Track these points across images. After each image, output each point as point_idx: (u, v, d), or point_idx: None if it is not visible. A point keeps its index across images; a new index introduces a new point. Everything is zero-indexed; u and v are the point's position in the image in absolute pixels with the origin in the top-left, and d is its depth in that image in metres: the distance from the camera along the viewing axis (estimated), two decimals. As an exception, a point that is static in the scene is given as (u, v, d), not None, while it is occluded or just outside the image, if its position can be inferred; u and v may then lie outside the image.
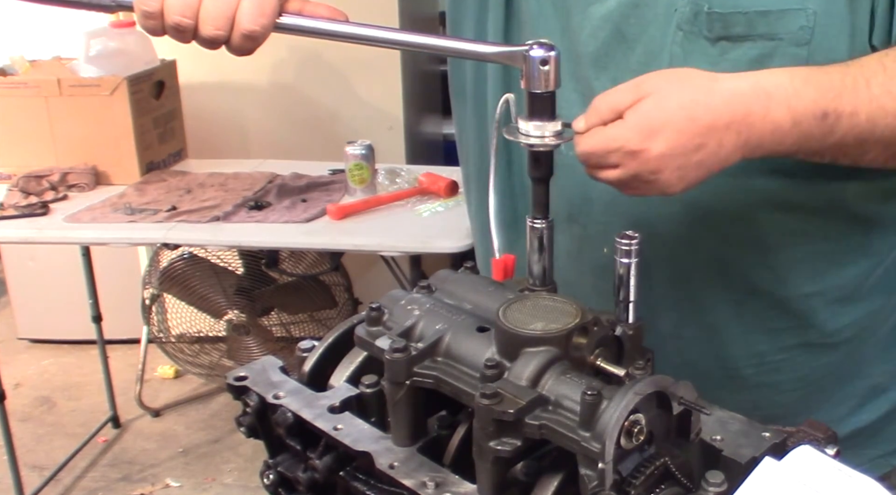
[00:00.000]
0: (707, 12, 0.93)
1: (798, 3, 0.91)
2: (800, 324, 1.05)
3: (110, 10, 0.91)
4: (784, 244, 1.02)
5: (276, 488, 0.83)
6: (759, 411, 0.83)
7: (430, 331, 0.78)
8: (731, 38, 0.94)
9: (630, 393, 0.67)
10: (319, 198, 2.58)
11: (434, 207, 2.54)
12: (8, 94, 2.74)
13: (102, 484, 2.96)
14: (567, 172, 1.03)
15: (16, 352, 3.71)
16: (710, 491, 0.67)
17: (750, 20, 0.92)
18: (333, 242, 2.52)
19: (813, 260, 1.02)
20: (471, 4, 1.12)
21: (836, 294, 1.04)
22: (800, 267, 1.03)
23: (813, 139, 0.86)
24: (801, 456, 0.68)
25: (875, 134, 0.87)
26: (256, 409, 0.83)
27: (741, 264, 1.03)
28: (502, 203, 1.13)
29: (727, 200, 1.00)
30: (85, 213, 2.52)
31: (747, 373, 1.08)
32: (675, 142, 0.83)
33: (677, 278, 1.05)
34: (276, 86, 3.39)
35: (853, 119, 0.85)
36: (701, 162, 0.84)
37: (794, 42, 0.92)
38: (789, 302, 1.04)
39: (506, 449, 0.69)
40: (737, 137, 0.84)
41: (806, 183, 0.98)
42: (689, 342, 1.07)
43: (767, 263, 1.03)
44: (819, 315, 1.05)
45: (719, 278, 1.04)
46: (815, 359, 1.07)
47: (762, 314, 1.05)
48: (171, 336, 3.22)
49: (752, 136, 0.84)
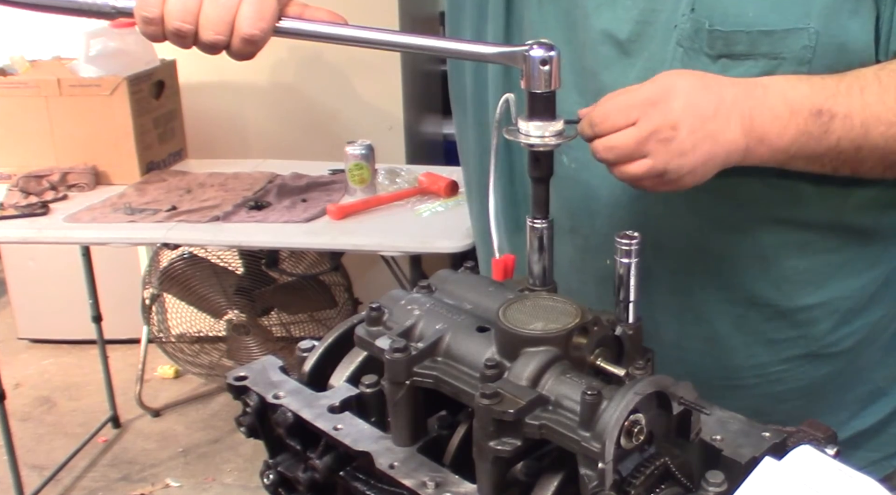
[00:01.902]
0: (708, 30, 0.93)
1: (801, 23, 0.90)
2: (802, 335, 1.05)
3: (110, 16, 0.91)
4: (785, 256, 1.01)
5: (276, 488, 0.83)
6: (761, 418, 0.83)
7: (430, 331, 0.78)
8: (733, 56, 0.93)
9: (630, 393, 0.67)
10: (319, 198, 2.58)
11: (434, 207, 2.54)
12: (8, 94, 2.75)
13: (102, 484, 2.96)
14: (569, 184, 1.03)
15: (16, 352, 3.71)
16: (710, 491, 0.67)
17: (752, 39, 0.92)
18: (333, 242, 2.52)
19: (814, 272, 1.02)
20: (469, 14, 1.11)
21: (837, 305, 1.04)
22: (801, 279, 1.02)
23: (811, 137, 0.87)
24: (802, 456, 0.68)
25: (870, 141, 0.88)
26: (256, 409, 0.83)
27: (742, 276, 1.03)
28: (505, 211, 1.13)
29: (728, 213, 1.00)
30: (85, 213, 2.52)
31: (749, 383, 1.07)
32: (692, 98, 0.85)
33: (679, 289, 1.05)
34: (276, 86, 3.39)
35: (847, 122, 0.87)
36: (713, 135, 0.85)
37: (796, 61, 0.91)
38: (790, 313, 1.04)
39: (506, 449, 0.69)
40: (741, 119, 0.86)
41: (806, 195, 0.98)
42: (690, 352, 1.06)
43: (769, 276, 1.02)
44: (821, 326, 1.04)
45: (720, 290, 1.04)
46: (817, 369, 1.07)
47: (763, 325, 1.05)
48: (171, 336, 3.22)
49: (754, 121, 0.86)
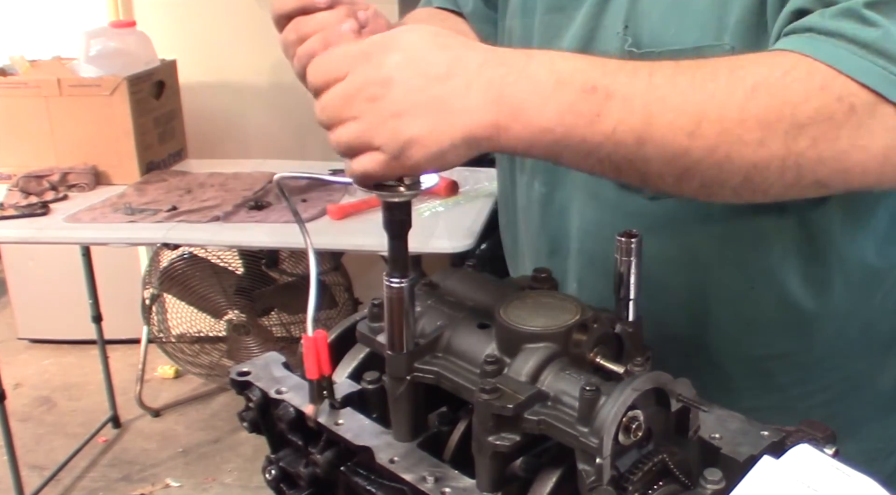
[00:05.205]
0: (628, 50, 0.90)
1: (714, 40, 0.86)
2: (759, 384, 1.00)
3: None
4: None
5: (277, 483, 0.84)
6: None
7: (430, 328, 0.78)
8: None
9: (628, 389, 0.67)
10: (319, 198, 2.58)
11: (434, 207, 2.54)
12: (8, 94, 2.75)
13: (102, 484, 2.96)
14: (547, 211, 1.02)
15: (16, 352, 3.72)
16: (707, 489, 0.67)
17: (665, 59, 0.86)
18: (333, 242, 2.51)
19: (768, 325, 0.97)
20: None
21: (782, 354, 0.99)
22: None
23: (580, 117, 0.71)
24: (800, 454, 0.68)
25: (654, 134, 0.71)
26: (259, 404, 0.83)
27: (709, 318, 0.98)
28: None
29: (696, 245, 0.95)
30: (85, 213, 2.52)
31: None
32: (417, 54, 0.71)
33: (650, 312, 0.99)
34: (276, 86, 3.40)
35: (627, 104, 0.71)
36: (442, 100, 0.70)
37: None
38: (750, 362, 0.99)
39: (505, 444, 0.69)
40: (487, 85, 0.71)
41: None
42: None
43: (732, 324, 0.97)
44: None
45: (692, 327, 0.99)
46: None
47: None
48: (171, 336, 3.22)
49: (506, 90, 0.71)
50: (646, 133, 0.71)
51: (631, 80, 0.72)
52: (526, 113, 0.71)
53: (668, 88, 0.71)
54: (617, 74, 0.72)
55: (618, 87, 0.71)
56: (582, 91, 0.71)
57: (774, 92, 0.71)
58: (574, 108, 0.71)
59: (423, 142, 0.71)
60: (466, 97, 0.71)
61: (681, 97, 0.71)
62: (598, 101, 0.71)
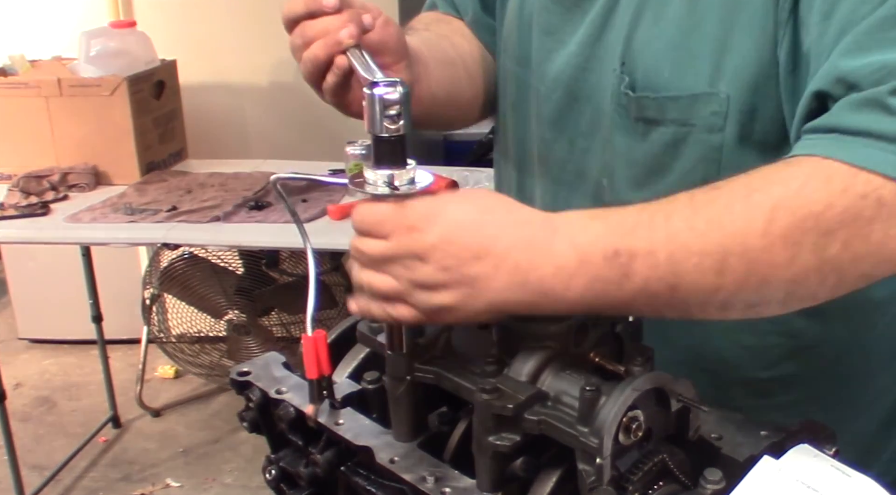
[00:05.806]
0: (623, 92, 0.89)
1: (710, 88, 0.85)
2: (760, 404, 0.99)
3: None
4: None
5: (277, 483, 0.84)
6: None
7: (430, 328, 0.78)
8: (647, 121, 0.89)
9: (628, 389, 0.67)
10: (319, 198, 2.58)
11: (434, 207, 2.54)
12: (8, 94, 2.74)
13: (102, 484, 2.96)
14: None
15: (16, 351, 3.71)
16: (707, 489, 0.67)
17: (660, 105, 0.88)
18: (333, 242, 2.50)
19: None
20: None
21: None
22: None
23: (609, 283, 0.72)
24: (800, 454, 0.68)
25: (684, 280, 0.72)
26: (259, 404, 0.83)
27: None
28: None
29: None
30: (85, 213, 2.52)
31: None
32: (453, 234, 0.73)
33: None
34: (276, 86, 3.40)
35: (651, 259, 0.71)
36: (473, 280, 0.72)
37: (707, 128, 0.86)
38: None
39: (505, 444, 0.69)
40: (513, 271, 0.72)
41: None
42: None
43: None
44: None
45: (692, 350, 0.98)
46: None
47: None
48: (171, 336, 3.22)
49: (530, 275, 0.72)
50: (675, 281, 0.72)
51: (650, 233, 0.72)
52: (553, 292, 0.73)
53: (687, 234, 0.72)
54: (636, 231, 0.72)
55: (639, 244, 0.72)
56: (604, 259, 0.72)
57: (794, 208, 0.70)
58: (600, 276, 0.72)
59: (454, 312, 0.74)
60: (495, 278, 0.73)
61: (701, 240, 0.71)
62: (623, 263, 0.72)
